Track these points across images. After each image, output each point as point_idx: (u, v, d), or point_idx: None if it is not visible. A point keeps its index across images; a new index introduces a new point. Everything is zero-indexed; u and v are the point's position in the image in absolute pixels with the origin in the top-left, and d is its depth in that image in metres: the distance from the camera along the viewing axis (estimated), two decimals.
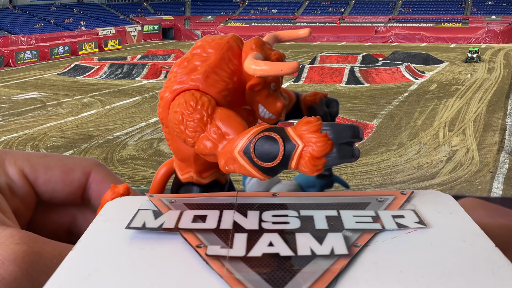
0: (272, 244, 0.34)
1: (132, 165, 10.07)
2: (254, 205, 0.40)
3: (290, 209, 0.39)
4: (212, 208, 0.39)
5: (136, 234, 0.35)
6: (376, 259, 0.32)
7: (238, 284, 0.29)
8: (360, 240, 0.34)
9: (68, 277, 0.31)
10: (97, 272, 0.31)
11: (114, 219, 0.38)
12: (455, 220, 0.37)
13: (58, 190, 0.43)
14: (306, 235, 0.35)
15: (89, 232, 0.36)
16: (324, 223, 0.37)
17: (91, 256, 0.33)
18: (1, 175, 0.41)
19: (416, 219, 0.37)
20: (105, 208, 0.40)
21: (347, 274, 0.31)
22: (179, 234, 0.35)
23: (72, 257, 0.33)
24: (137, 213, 0.38)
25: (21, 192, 0.42)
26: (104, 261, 0.32)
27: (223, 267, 0.31)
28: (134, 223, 0.36)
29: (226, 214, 0.38)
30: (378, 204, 0.40)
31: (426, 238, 0.34)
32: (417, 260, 0.32)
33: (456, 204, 0.39)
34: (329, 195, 0.42)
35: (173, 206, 0.40)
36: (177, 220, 0.37)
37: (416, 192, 0.41)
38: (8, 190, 0.41)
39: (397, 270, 0.31)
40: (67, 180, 0.43)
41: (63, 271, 0.31)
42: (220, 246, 0.34)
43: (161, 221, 0.37)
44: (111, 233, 0.36)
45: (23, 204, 0.42)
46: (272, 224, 0.37)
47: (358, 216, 0.38)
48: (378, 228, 0.36)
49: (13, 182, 0.42)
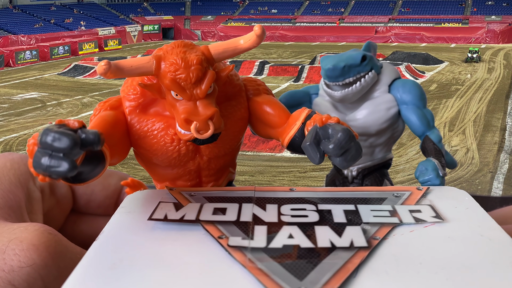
0: (292, 236, 0.35)
1: (132, 165, 10.06)
2: (272, 199, 0.41)
3: (308, 203, 0.40)
4: (231, 201, 0.40)
5: (158, 225, 0.36)
6: (395, 252, 0.33)
7: (261, 274, 0.30)
8: (378, 233, 0.35)
9: (94, 267, 0.31)
10: (122, 262, 0.32)
11: (136, 211, 0.39)
12: (472, 215, 0.37)
13: (96, 192, 0.45)
14: (325, 228, 0.36)
15: (112, 223, 0.37)
16: (343, 216, 0.37)
17: (115, 246, 0.34)
18: None
19: (433, 213, 0.37)
20: (126, 200, 0.41)
21: (367, 266, 0.31)
22: (200, 225, 0.36)
23: (96, 248, 0.34)
24: (158, 205, 0.39)
25: (60, 194, 0.43)
26: (128, 251, 0.33)
27: (245, 257, 0.32)
28: (156, 215, 0.37)
29: (245, 207, 0.39)
30: (395, 199, 0.40)
31: (443, 232, 0.35)
32: (436, 253, 0.32)
33: (472, 199, 0.40)
34: (346, 190, 0.42)
35: (193, 199, 0.40)
36: (198, 212, 0.38)
37: (432, 188, 0.42)
38: (48, 188, 0.42)
39: (417, 262, 0.31)
40: (105, 184, 0.45)
41: (88, 260, 0.32)
42: (241, 237, 0.34)
43: (182, 213, 0.38)
44: (134, 225, 0.37)
45: (58, 205, 0.43)
46: (291, 217, 0.37)
47: (376, 211, 0.38)
48: (396, 222, 0.36)
49: (54, 183, 0.42)
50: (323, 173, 9.84)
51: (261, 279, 0.30)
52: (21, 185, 0.40)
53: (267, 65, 21.33)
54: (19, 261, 0.32)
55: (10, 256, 0.32)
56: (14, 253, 0.32)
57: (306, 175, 9.21)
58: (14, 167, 0.41)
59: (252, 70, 21.04)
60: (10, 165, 0.41)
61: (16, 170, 0.41)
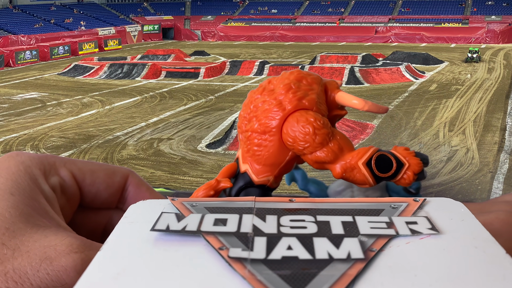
0: (291, 248, 0.35)
1: (132, 165, 10.07)
2: (272, 209, 0.41)
3: (307, 214, 0.40)
4: (231, 212, 0.41)
5: (160, 236, 0.37)
6: (391, 263, 0.33)
7: (260, 285, 0.31)
8: (375, 245, 0.35)
9: (98, 276, 0.32)
10: (125, 272, 0.32)
11: (139, 221, 0.39)
12: (467, 227, 0.38)
13: (101, 190, 0.47)
14: (323, 240, 0.36)
15: (116, 233, 0.38)
16: (340, 228, 0.38)
17: (119, 256, 0.35)
18: (54, 175, 0.44)
19: (428, 225, 0.38)
20: (130, 210, 0.42)
21: (363, 277, 0.32)
22: (201, 236, 0.37)
23: (101, 257, 0.35)
24: (161, 216, 0.39)
25: (70, 192, 0.45)
26: (131, 261, 0.34)
27: (245, 269, 0.32)
28: (158, 226, 0.38)
29: (246, 218, 0.39)
30: (392, 210, 0.41)
31: (439, 244, 0.35)
32: (431, 265, 0.33)
33: (468, 211, 0.40)
34: (344, 201, 0.43)
35: (194, 210, 0.41)
36: (199, 223, 0.38)
37: (429, 200, 0.42)
38: (60, 189, 0.44)
39: (412, 274, 0.32)
40: (110, 182, 0.47)
41: (93, 270, 0.33)
42: (241, 248, 0.35)
43: (184, 224, 0.38)
44: (137, 235, 0.37)
45: (68, 203, 0.45)
46: (290, 228, 0.38)
47: (373, 222, 0.39)
48: (392, 234, 0.37)
49: (64, 182, 0.44)
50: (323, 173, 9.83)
51: None
52: (39, 190, 0.41)
53: (267, 65, 21.35)
54: (52, 281, 0.34)
55: (44, 275, 0.34)
56: (46, 272, 0.34)
57: None
58: (28, 171, 0.41)
59: (252, 70, 21.05)
60: (24, 169, 0.41)
61: (31, 174, 0.41)
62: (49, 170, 0.43)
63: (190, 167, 9.70)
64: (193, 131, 12.32)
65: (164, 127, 12.79)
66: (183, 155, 10.49)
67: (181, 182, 9.10)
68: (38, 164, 0.42)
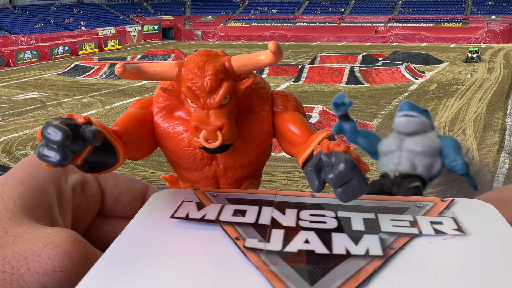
0: (308, 242, 0.35)
1: (132, 165, 10.07)
2: (293, 203, 0.41)
3: (328, 209, 0.40)
4: (251, 203, 0.41)
5: (179, 223, 0.38)
6: (410, 262, 0.33)
7: (273, 276, 0.31)
8: (396, 243, 0.35)
9: (115, 260, 0.33)
10: (142, 257, 0.33)
11: (160, 209, 0.40)
12: (496, 230, 0.37)
13: (123, 193, 0.48)
14: (342, 235, 0.36)
15: (136, 219, 0.39)
16: (361, 224, 0.38)
17: (137, 241, 0.35)
18: (77, 173, 0.45)
19: (454, 226, 0.37)
20: (152, 198, 0.43)
21: (380, 275, 0.31)
22: (219, 226, 0.37)
23: (119, 242, 0.35)
24: (182, 204, 0.40)
25: (90, 192, 0.46)
26: (149, 246, 0.35)
27: (259, 259, 0.32)
28: (178, 213, 0.39)
29: (265, 210, 0.40)
30: (417, 209, 0.40)
31: (463, 246, 0.34)
32: (453, 266, 0.32)
33: (498, 214, 0.39)
34: (368, 198, 0.42)
35: (215, 200, 0.42)
36: (218, 213, 0.39)
37: (457, 200, 0.41)
38: (80, 186, 0.45)
39: (432, 274, 0.31)
40: (132, 186, 0.48)
41: (110, 254, 0.34)
42: (257, 239, 0.35)
43: (203, 213, 0.39)
44: (157, 222, 0.38)
45: (86, 205, 0.45)
46: (309, 222, 0.38)
47: (396, 220, 0.38)
48: (415, 233, 0.36)
49: (85, 181, 0.46)
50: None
51: (273, 281, 0.30)
52: (54, 183, 0.42)
53: None
54: (53, 266, 0.34)
55: (45, 260, 0.34)
56: (48, 257, 0.34)
57: None
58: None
59: None
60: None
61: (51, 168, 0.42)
62: (72, 168, 0.44)
63: None
64: None
65: None
66: None
67: None
68: None
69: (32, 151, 10.61)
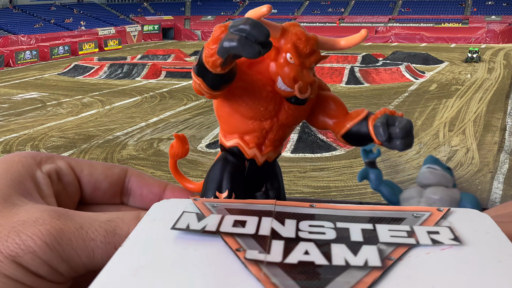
0: (308, 253, 0.35)
1: (132, 165, 10.07)
2: (292, 214, 0.42)
3: (327, 220, 0.40)
4: (251, 214, 0.41)
5: (180, 234, 0.38)
6: (409, 273, 0.33)
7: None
8: (394, 254, 0.35)
9: (117, 272, 0.33)
10: (144, 269, 0.33)
11: (161, 220, 0.40)
12: (492, 240, 0.37)
13: (100, 180, 0.49)
14: (341, 246, 0.36)
15: (137, 230, 0.39)
16: (360, 235, 0.38)
17: (139, 253, 0.35)
18: (51, 164, 0.47)
19: (451, 236, 0.37)
20: (153, 208, 0.43)
21: (379, 286, 0.31)
22: (220, 237, 0.37)
23: (121, 253, 0.36)
24: (182, 215, 0.40)
25: (67, 180, 0.48)
26: (151, 258, 0.35)
27: (260, 271, 0.33)
28: (179, 225, 0.39)
29: (265, 221, 0.40)
30: (414, 219, 0.40)
31: (460, 256, 0.34)
32: (450, 277, 0.32)
33: (494, 224, 0.39)
34: (366, 208, 0.43)
35: (215, 210, 0.42)
36: (219, 224, 0.39)
37: (453, 210, 0.42)
38: (56, 175, 0.47)
39: (430, 285, 0.31)
40: (109, 173, 0.50)
41: (112, 266, 0.34)
42: (258, 251, 0.35)
43: (203, 224, 0.39)
44: (158, 233, 0.38)
45: (66, 191, 0.48)
46: (308, 233, 0.38)
47: (393, 231, 0.38)
48: (412, 243, 0.36)
49: (61, 170, 0.48)
50: (323, 173, 9.85)
51: None
52: (29, 176, 0.45)
53: None
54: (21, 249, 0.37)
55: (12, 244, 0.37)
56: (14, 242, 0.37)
57: (306, 175, 9.22)
58: (22, 160, 0.45)
59: None
60: (18, 159, 0.45)
61: (24, 162, 0.45)
62: (46, 160, 0.47)
63: (190, 167, 9.69)
64: (193, 131, 12.31)
65: (164, 127, 12.78)
66: None
67: None
68: (34, 155, 0.47)
69: (32, 150, 10.62)
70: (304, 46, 0.52)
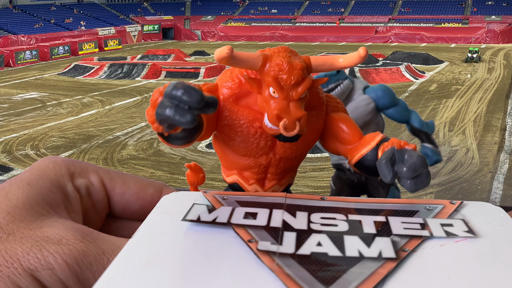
0: (321, 244, 0.35)
1: (132, 165, 10.07)
2: (303, 206, 0.41)
3: (338, 212, 0.40)
4: (262, 206, 0.41)
5: (191, 226, 0.38)
6: (423, 265, 0.33)
7: (288, 279, 0.31)
8: (408, 245, 0.35)
9: (128, 263, 0.33)
10: (154, 259, 0.33)
11: (171, 212, 0.40)
12: (506, 232, 0.37)
13: (131, 202, 0.47)
14: (354, 238, 0.36)
15: (147, 222, 0.39)
16: (372, 227, 0.38)
17: (149, 244, 0.35)
18: (83, 178, 0.46)
19: (465, 228, 0.37)
20: (162, 201, 0.43)
21: (394, 277, 0.31)
22: (231, 228, 0.37)
23: (132, 245, 0.36)
24: (192, 207, 0.40)
25: (96, 198, 0.46)
26: (161, 249, 0.35)
27: (273, 262, 0.32)
28: (189, 216, 0.39)
29: (276, 213, 0.40)
30: (426, 212, 0.40)
31: (475, 248, 0.34)
32: (466, 269, 0.32)
33: (508, 216, 0.39)
34: (378, 201, 0.43)
35: (225, 203, 0.42)
36: (230, 215, 0.39)
37: (466, 203, 0.42)
38: (85, 191, 0.45)
39: (445, 276, 0.31)
40: (141, 194, 0.48)
41: (123, 257, 0.34)
42: (270, 242, 0.35)
43: (214, 215, 0.39)
44: (168, 224, 0.38)
45: (94, 208, 0.46)
46: (320, 225, 0.38)
47: (407, 223, 0.38)
48: (426, 235, 0.36)
49: (92, 186, 0.46)
50: (323, 173, 9.84)
51: (288, 284, 0.30)
52: (60, 185, 0.43)
53: None
54: (40, 264, 0.36)
55: (33, 258, 0.36)
56: (36, 256, 0.36)
57: (306, 175, 9.22)
58: (56, 168, 0.44)
59: None
60: (53, 166, 0.44)
61: (57, 171, 0.44)
62: (79, 172, 0.45)
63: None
64: None
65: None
66: (183, 155, 10.48)
67: (181, 182, 9.09)
68: (68, 165, 0.45)
69: (32, 151, 10.63)
70: (288, 77, 0.46)
